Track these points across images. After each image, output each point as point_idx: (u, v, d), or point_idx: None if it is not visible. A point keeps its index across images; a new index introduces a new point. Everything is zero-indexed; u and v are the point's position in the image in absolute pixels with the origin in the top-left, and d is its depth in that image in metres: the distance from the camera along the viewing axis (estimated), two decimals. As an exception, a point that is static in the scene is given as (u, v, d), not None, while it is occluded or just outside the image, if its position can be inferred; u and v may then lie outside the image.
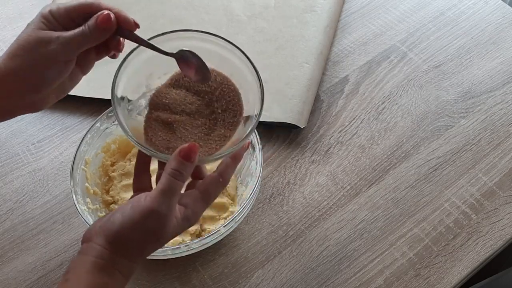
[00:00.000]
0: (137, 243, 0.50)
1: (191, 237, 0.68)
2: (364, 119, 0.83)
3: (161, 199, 0.49)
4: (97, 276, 0.48)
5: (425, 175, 0.77)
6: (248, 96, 0.56)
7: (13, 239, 0.72)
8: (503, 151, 0.79)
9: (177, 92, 0.56)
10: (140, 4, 0.94)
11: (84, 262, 0.49)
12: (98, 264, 0.48)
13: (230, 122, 0.56)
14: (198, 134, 0.55)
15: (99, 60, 0.57)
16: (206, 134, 0.55)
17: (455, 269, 0.69)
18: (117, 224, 0.49)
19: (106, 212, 0.70)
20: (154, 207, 0.48)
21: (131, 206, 0.49)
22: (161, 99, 0.56)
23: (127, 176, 0.72)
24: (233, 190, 0.73)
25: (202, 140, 0.55)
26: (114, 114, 0.53)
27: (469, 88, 0.85)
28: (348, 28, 0.94)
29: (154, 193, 0.49)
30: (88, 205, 0.68)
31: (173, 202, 0.49)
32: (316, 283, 0.69)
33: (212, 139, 0.55)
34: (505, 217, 0.73)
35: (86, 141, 0.70)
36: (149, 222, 0.49)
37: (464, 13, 0.94)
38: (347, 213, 0.74)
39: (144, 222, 0.48)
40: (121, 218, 0.49)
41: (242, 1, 0.94)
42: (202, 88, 0.56)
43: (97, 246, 0.49)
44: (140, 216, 0.48)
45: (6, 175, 0.78)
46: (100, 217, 0.53)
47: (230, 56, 0.56)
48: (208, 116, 0.56)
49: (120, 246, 0.49)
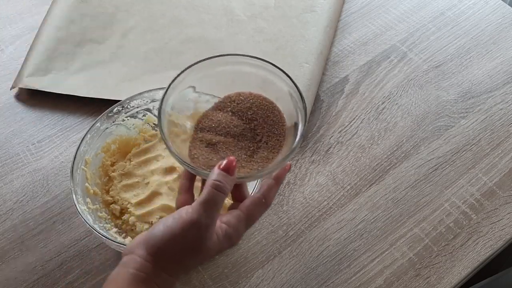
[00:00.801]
0: (178, 255, 0.49)
1: None
2: (364, 119, 0.83)
3: (201, 210, 0.49)
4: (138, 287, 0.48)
5: (425, 175, 0.77)
6: (292, 120, 0.57)
7: (13, 239, 0.72)
8: (503, 151, 0.79)
9: (223, 115, 0.58)
10: (140, 4, 0.94)
11: (124, 274, 0.49)
12: (138, 277, 0.48)
13: (273, 145, 0.57)
14: (241, 155, 0.57)
15: None
16: (249, 156, 0.57)
17: (455, 269, 0.69)
18: (159, 236, 0.49)
19: (106, 212, 0.70)
20: (194, 218, 0.48)
21: (173, 218, 0.49)
22: (207, 121, 0.58)
23: (127, 176, 0.72)
24: None
25: (245, 161, 0.56)
26: (159, 128, 0.54)
27: (469, 88, 0.85)
28: (348, 28, 0.94)
29: (195, 205, 0.49)
30: (88, 205, 0.68)
31: (214, 214, 0.49)
32: (316, 283, 0.69)
33: (255, 161, 0.57)
34: (505, 217, 0.73)
35: (86, 141, 0.70)
36: (190, 233, 0.48)
37: (464, 13, 0.94)
38: (347, 213, 0.74)
39: (185, 234, 0.48)
40: (163, 230, 0.49)
41: (242, 1, 0.94)
42: (247, 113, 0.58)
43: (138, 259, 0.49)
44: (181, 228, 0.48)
45: (6, 175, 0.78)
46: None
47: (277, 81, 0.57)
48: (252, 139, 0.58)
49: (161, 258, 0.49)
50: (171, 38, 0.90)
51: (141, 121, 0.75)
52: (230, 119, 0.58)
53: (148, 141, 0.75)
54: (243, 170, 0.55)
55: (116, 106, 0.72)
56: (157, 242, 0.49)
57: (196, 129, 0.58)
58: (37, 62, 0.86)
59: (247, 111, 0.58)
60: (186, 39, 0.90)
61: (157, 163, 0.72)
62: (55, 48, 0.88)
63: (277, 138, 0.58)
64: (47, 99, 0.84)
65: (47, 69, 0.86)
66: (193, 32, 0.91)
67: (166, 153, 0.73)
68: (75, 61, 0.87)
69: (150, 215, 0.68)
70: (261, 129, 0.58)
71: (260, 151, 0.57)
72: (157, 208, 0.68)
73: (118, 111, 0.73)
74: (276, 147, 0.57)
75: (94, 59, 0.88)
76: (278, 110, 0.58)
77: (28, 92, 0.86)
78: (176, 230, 0.48)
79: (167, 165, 0.71)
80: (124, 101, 0.73)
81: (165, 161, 0.72)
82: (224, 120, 0.58)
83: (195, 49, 0.89)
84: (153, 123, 0.76)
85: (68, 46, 0.89)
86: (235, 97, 0.59)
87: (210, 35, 0.90)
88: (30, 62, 0.87)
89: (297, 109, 0.56)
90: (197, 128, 0.59)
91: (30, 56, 0.87)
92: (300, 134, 0.54)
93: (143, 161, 0.73)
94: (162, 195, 0.69)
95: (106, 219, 0.69)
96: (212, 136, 0.58)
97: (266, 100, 0.59)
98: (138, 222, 0.68)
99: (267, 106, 0.58)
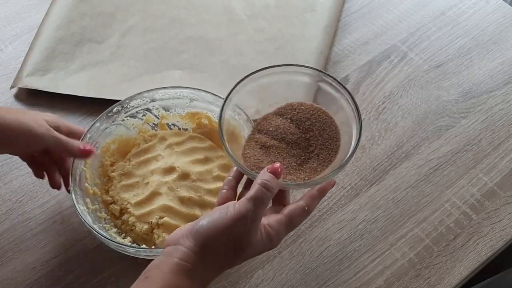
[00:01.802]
0: (223, 248, 0.50)
1: None
2: (364, 119, 0.82)
3: (249, 205, 0.50)
4: (178, 277, 0.49)
5: (425, 175, 0.77)
6: (345, 137, 0.59)
7: (12, 239, 0.72)
8: (504, 151, 0.79)
9: (282, 121, 0.60)
10: (140, 3, 0.94)
11: (168, 262, 0.50)
12: (182, 266, 0.49)
13: (324, 158, 0.59)
14: (291, 163, 0.59)
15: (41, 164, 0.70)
16: (299, 165, 0.59)
17: (456, 269, 0.69)
18: (205, 227, 0.50)
19: (106, 213, 0.70)
20: (242, 212, 0.50)
21: (220, 212, 0.51)
22: (266, 124, 0.61)
23: (126, 176, 0.72)
24: None
25: (293, 169, 0.58)
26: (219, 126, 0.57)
27: (469, 88, 0.85)
28: (349, 27, 0.93)
29: (243, 200, 0.51)
30: (87, 205, 0.67)
31: (260, 211, 0.51)
32: (316, 284, 0.69)
33: (303, 170, 0.58)
34: (505, 218, 0.73)
35: (86, 141, 0.69)
36: (237, 227, 0.50)
37: (464, 13, 0.94)
38: (348, 213, 0.74)
39: (232, 227, 0.50)
40: (210, 222, 0.50)
41: (242, 1, 0.94)
42: (305, 123, 0.60)
43: (184, 249, 0.50)
44: (229, 221, 0.50)
45: (5, 175, 0.78)
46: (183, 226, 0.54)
47: (337, 95, 0.59)
48: (305, 149, 0.60)
49: (207, 250, 0.50)
50: (171, 38, 0.90)
51: (141, 121, 0.75)
52: (288, 126, 0.60)
53: (148, 141, 0.75)
54: (289, 177, 0.57)
55: (115, 106, 0.72)
56: (205, 234, 0.50)
57: (254, 130, 0.61)
58: (37, 61, 0.86)
59: (305, 121, 0.60)
60: (186, 38, 0.90)
61: (156, 163, 0.72)
62: (54, 47, 0.88)
63: (329, 152, 0.59)
64: (47, 99, 0.84)
65: (46, 69, 0.86)
66: (193, 32, 0.90)
67: (165, 153, 0.73)
68: (74, 61, 0.87)
69: (150, 215, 0.68)
70: (315, 141, 0.60)
71: (310, 161, 0.59)
72: (156, 208, 0.68)
73: (117, 111, 0.73)
74: (327, 161, 0.58)
75: (93, 58, 0.87)
76: (335, 126, 0.60)
77: (27, 92, 0.85)
78: (223, 223, 0.50)
79: (167, 165, 0.71)
80: (124, 101, 0.73)
81: (165, 161, 0.72)
82: (282, 125, 0.60)
83: (195, 48, 0.89)
84: (152, 123, 0.76)
85: (67, 45, 0.88)
86: (297, 105, 0.61)
87: (210, 35, 0.90)
88: (29, 61, 0.86)
89: (352, 129, 0.58)
90: (255, 129, 0.61)
91: (30, 55, 0.87)
92: (351, 152, 0.55)
93: (143, 161, 0.73)
94: (162, 195, 0.69)
95: (106, 219, 0.69)
96: (268, 139, 0.60)
97: (325, 114, 0.60)
98: (138, 222, 0.68)
99: (325, 120, 0.60)
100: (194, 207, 0.69)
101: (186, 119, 0.77)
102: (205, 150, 0.74)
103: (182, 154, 0.73)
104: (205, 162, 0.73)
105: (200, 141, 0.75)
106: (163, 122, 0.76)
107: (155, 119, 0.76)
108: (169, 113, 0.76)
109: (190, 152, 0.73)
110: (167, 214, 0.68)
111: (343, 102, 0.59)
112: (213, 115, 0.75)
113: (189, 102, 0.75)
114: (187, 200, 0.69)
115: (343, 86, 0.58)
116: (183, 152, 0.73)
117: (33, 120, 0.63)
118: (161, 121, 0.76)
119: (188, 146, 0.74)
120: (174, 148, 0.73)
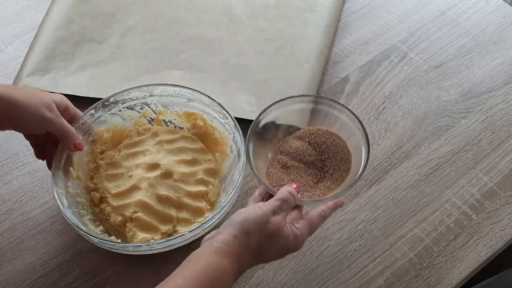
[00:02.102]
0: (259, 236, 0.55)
1: (161, 236, 0.68)
2: (364, 119, 0.82)
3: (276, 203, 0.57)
4: (220, 257, 0.53)
5: (425, 175, 0.77)
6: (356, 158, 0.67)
7: (12, 239, 0.72)
8: (504, 151, 0.79)
9: (301, 144, 0.69)
10: (139, 3, 0.94)
11: (209, 247, 0.54)
12: (222, 249, 0.53)
13: (337, 178, 0.67)
14: (308, 181, 0.67)
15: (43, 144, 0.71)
16: (315, 183, 0.67)
17: (456, 269, 0.69)
18: (243, 218, 0.55)
19: (86, 198, 0.71)
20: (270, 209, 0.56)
21: (252, 208, 0.56)
22: (287, 146, 0.69)
23: (113, 166, 0.72)
24: (214, 196, 0.72)
25: (310, 187, 0.66)
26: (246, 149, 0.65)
27: (469, 88, 0.85)
28: (349, 27, 0.93)
29: (271, 200, 0.58)
30: (68, 188, 0.68)
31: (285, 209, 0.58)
32: (316, 284, 0.69)
33: (318, 188, 0.66)
34: (505, 218, 0.73)
35: (78, 125, 0.71)
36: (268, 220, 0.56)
37: (464, 13, 0.94)
38: (348, 213, 0.74)
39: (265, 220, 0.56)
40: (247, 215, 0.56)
41: (242, 1, 0.94)
42: (321, 146, 0.69)
43: (224, 235, 0.54)
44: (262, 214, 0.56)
45: (5, 175, 0.78)
46: None
47: (349, 122, 0.67)
48: (320, 169, 0.68)
49: (246, 236, 0.55)
50: (171, 38, 0.90)
51: (138, 113, 0.76)
52: (306, 148, 0.69)
53: (141, 135, 0.76)
54: (306, 193, 0.65)
55: (113, 96, 0.73)
56: (244, 223, 0.55)
57: (277, 151, 0.69)
58: (37, 61, 0.86)
59: (321, 145, 0.69)
60: (186, 38, 0.90)
61: (143, 157, 0.73)
62: (54, 47, 0.88)
63: (341, 172, 0.67)
64: (47, 98, 0.84)
65: (46, 69, 0.86)
66: (193, 32, 0.90)
67: (154, 149, 0.74)
68: (74, 61, 0.87)
69: (126, 208, 0.68)
70: (330, 162, 0.68)
71: (325, 180, 0.67)
72: (133, 202, 0.69)
73: (115, 101, 0.74)
74: (339, 180, 0.66)
75: (93, 58, 0.87)
76: (348, 149, 0.68)
77: (27, 92, 0.85)
78: (258, 216, 0.55)
79: (152, 161, 0.71)
80: (122, 92, 0.73)
81: (152, 157, 0.72)
82: (301, 148, 0.69)
83: (195, 48, 0.89)
84: (150, 117, 0.77)
85: (67, 45, 0.88)
86: (315, 131, 0.70)
87: (210, 35, 0.90)
88: (29, 61, 0.86)
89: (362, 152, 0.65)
90: (277, 151, 0.69)
91: (30, 55, 0.87)
92: (359, 175, 0.63)
93: (132, 154, 0.74)
94: (141, 190, 0.69)
95: (85, 205, 0.70)
96: (288, 160, 0.68)
97: (340, 138, 0.69)
98: (113, 213, 0.69)
99: (339, 144, 0.68)
100: (170, 207, 0.69)
101: (182, 118, 0.77)
102: (195, 152, 0.74)
103: (170, 153, 0.73)
104: (191, 164, 0.73)
105: (191, 141, 0.75)
106: (160, 118, 0.77)
107: (153, 114, 0.77)
108: (167, 109, 0.77)
109: (179, 152, 0.74)
110: (141, 209, 0.68)
111: (355, 129, 0.66)
112: (208, 118, 0.75)
113: (187, 102, 0.75)
114: (164, 199, 0.69)
115: (356, 116, 0.66)
116: (171, 150, 0.73)
117: (43, 103, 0.64)
118: (158, 117, 0.77)
119: (178, 145, 0.74)
120: (163, 145, 0.74)
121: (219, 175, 0.74)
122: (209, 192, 0.72)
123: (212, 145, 0.76)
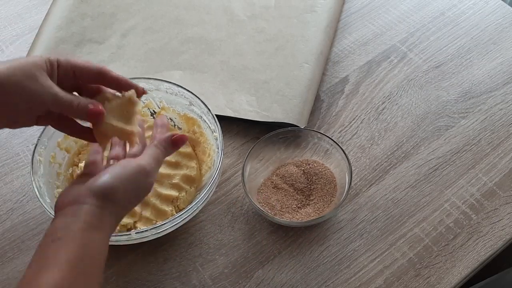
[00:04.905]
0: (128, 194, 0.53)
1: (120, 228, 0.68)
2: (364, 119, 0.83)
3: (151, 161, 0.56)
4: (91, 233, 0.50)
5: (425, 175, 0.77)
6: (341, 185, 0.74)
7: (13, 239, 0.72)
8: (503, 151, 0.79)
9: (296, 171, 0.75)
10: (140, 4, 0.94)
11: (77, 222, 0.50)
12: (91, 224, 0.50)
13: (319, 208, 0.73)
14: (292, 204, 0.73)
15: None
16: (298, 207, 0.73)
17: (455, 269, 0.69)
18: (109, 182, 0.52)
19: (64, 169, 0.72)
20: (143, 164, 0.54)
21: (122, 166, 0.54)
22: (283, 170, 0.76)
23: None
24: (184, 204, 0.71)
25: (292, 210, 0.73)
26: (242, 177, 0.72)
27: (469, 88, 0.85)
28: (348, 28, 0.94)
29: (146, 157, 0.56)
30: (50, 158, 0.69)
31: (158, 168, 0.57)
32: (316, 283, 0.69)
33: (300, 213, 0.72)
34: (505, 217, 0.73)
35: None
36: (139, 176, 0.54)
37: (464, 13, 0.94)
38: (347, 213, 0.74)
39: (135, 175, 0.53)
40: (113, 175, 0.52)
41: (242, 1, 0.94)
42: (313, 177, 0.75)
43: (89, 207, 0.51)
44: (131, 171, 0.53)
45: (6, 175, 0.78)
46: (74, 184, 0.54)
47: (335, 152, 0.75)
48: (307, 196, 0.74)
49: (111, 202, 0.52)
50: (171, 38, 0.90)
51: (142, 103, 0.76)
52: (300, 175, 0.75)
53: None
54: (287, 215, 0.72)
55: None
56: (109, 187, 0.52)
57: (273, 173, 0.76)
58: (37, 62, 0.86)
59: (313, 176, 0.75)
60: (186, 39, 0.90)
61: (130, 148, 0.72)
62: (55, 48, 0.88)
63: (324, 203, 0.73)
64: (47, 99, 0.84)
65: (47, 69, 0.86)
66: (193, 32, 0.91)
67: None
68: (75, 61, 0.87)
69: None
70: (316, 193, 0.74)
71: (308, 207, 0.73)
72: None
73: None
74: (320, 210, 0.72)
75: (94, 59, 0.88)
76: (335, 184, 0.74)
77: (28, 92, 0.85)
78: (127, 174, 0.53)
79: None
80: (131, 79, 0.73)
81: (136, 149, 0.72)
82: (295, 174, 0.75)
83: (195, 49, 0.89)
84: (153, 109, 0.78)
85: (68, 46, 0.89)
86: (311, 162, 0.76)
87: (210, 35, 0.90)
88: (30, 62, 0.87)
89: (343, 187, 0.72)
90: (274, 172, 0.76)
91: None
92: (335, 207, 0.70)
93: None
94: None
95: (65, 177, 0.72)
96: (281, 182, 0.75)
97: (331, 173, 0.75)
98: None
99: (329, 178, 0.75)
100: None
101: (182, 119, 0.77)
102: (180, 156, 0.74)
103: None
104: (172, 166, 0.73)
105: None
106: (162, 113, 0.77)
107: (156, 107, 0.78)
108: (170, 107, 0.77)
109: None
110: None
111: (340, 157, 0.74)
112: (204, 126, 0.75)
113: (189, 105, 0.75)
114: None
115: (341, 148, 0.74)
116: None
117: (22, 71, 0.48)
118: (160, 111, 0.77)
119: None
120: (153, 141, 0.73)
121: (197, 185, 0.74)
122: (180, 199, 0.71)
123: (201, 153, 0.76)
